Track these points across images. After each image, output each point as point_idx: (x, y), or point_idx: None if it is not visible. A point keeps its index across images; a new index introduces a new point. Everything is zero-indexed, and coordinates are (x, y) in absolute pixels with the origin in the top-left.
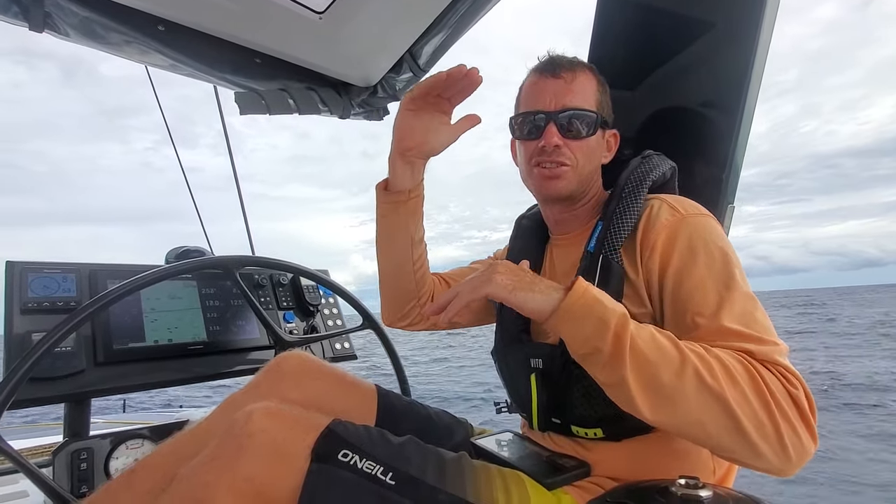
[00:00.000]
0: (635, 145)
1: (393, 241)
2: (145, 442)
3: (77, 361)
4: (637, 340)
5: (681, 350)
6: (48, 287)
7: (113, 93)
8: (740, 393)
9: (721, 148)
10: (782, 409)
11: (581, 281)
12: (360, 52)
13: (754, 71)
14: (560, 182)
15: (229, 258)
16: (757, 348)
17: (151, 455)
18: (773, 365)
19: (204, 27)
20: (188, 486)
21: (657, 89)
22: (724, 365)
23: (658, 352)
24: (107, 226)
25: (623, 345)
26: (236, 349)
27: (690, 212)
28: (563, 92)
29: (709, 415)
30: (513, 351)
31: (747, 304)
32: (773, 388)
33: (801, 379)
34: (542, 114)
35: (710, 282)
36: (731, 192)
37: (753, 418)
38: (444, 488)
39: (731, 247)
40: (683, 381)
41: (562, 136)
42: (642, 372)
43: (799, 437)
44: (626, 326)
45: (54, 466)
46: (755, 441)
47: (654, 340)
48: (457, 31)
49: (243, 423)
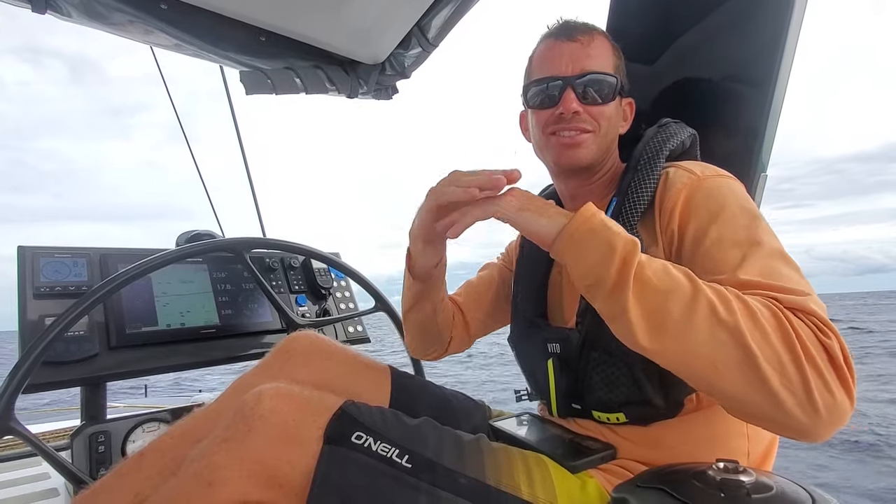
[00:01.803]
0: (657, 120)
1: (420, 308)
2: (161, 425)
3: (90, 345)
4: (645, 269)
5: (695, 283)
6: (59, 272)
7: (119, 91)
8: (761, 331)
9: (751, 117)
10: (811, 355)
11: (589, 205)
12: (367, 28)
13: (789, 35)
14: (581, 150)
15: (239, 240)
16: (785, 297)
17: (161, 437)
18: (803, 313)
19: (207, 4)
20: (198, 468)
21: (680, 60)
22: (745, 302)
23: (668, 281)
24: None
25: (628, 271)
26: (249, 333)
27: (708, 173)
28: (580, 56)
29: (721, 351)
30: (529, 336)
31: (773, 259)
32: (802, 334)
33: (836, 331)
34: (559, 79)
35: (730, 239)
36: (764, 161)
37: (775, 361)
38: (462, 471)
39: (755, 206)
40: (694, 313)
41: (581, 102)
42: (647, 301)
43: (830, 389)
44: (635, 253)
45: (73, 449)
46: (776, 388)
47: (665, 270)
48: (466, 2)
49: (253, 404)
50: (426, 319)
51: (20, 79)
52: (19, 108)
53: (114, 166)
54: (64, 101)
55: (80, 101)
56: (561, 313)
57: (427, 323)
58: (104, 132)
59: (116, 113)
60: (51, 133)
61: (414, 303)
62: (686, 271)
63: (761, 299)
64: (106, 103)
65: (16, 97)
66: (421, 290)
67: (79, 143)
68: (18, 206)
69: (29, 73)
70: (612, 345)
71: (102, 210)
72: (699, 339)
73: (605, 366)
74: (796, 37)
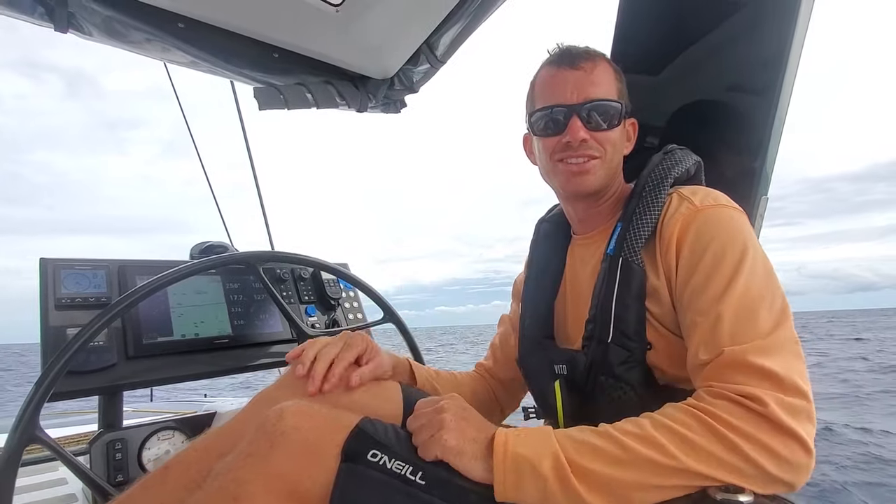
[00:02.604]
0: (662, 133)
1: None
2: (175, 433)
3: (109, 355)
4: (578, 462)
5: (625, 447)
6: (80, 283)
7: (115, 106)
8: (697, 452)
9: (754, 136)
10: (747, 437)
11: (497, 436)
12: (377, 45)
13: (792, 51)
14: (589, 177)
15: (253, 254)
16: (722, 378)
17: (185, 451)
18: (734, 391)
19: (222, 23)
20: (223, 482)
21: (685, 72)
22: (673, 433)
23: (604, 458)
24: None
25: (566, 476)
26: (260, 343)
27: (706, 203)
28: (584, 83)
29: (686, 485)
30: (536, 357)
31: (741, 313)
32: (733, 422)
33: (774, 394)
34: (564, 107)
35: (713, 279)
36: (765, 183)
37: (727, 468)
38: (474, 488)
39: (750, 239)
40: (643, 474)
41: (587, 129)
42: (597, 486)
43: (777, 455)
44: (558, 456)
45: (91, 456)
46: (736, 481)
47: (593, 451)
48: (474, 22)
49: (275, 420)
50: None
51: (17, 92)
52: (16, 120)
53: (110, 180)
54: (60, 114)
55: (76, 114)
56: (566, 335)
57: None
58: (100, 146)
59: (112, 126)
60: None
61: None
62: (609, 436)
63: (685, 407)
64: (102, 117)
65: (13, 110)
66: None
67: (74, 156)
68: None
69: (26, 87)
70: (616, 369)
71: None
72: (656, 482)
73: (612, 389)
74: (799, 51)
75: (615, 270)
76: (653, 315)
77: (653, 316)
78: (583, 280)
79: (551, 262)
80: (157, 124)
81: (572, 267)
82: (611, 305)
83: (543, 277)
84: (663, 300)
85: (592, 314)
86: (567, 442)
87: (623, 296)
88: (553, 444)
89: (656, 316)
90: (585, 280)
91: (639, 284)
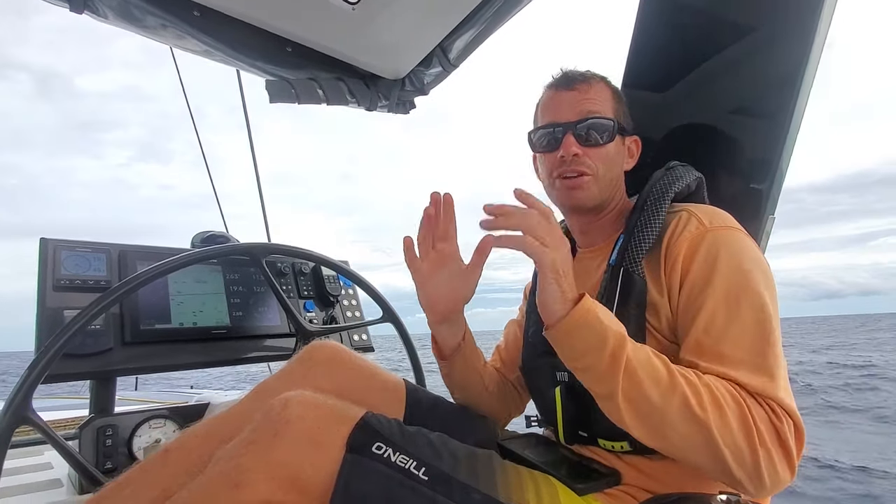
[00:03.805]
0: (672, 151)
1: (466, 385)
2: (167, 422)
3: (106, 340)
4: (632, 362)
5: (673, 376)
6: (80, 265)
7: (88, 107)
8: (725, 423)
9: (764, 156)
10: (763, 439)
11: (586, 299)
12: (391, 45)
13: (806, 73)
14: (582, 192)
15: (257, 245)
16: (751, 380)
17: (186, 436)
18: (763, 398)
19: (238, 13)
20: (225, 468)
21: (699, 92)
22: (713, 394)
23: (651, 372)
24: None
25: (618, 364)
26: (257, 335)
27: (716, 224)
28: (578, 102)
29: (691, 440)
30: (539, 364)
31: (753, 330)
32: (758, 419)
33: (792, 413)
34: (560, 125)
35: (721, 302)
36: (773, 203)
37: (734, 446)
38: (475, 486)
39: (760, 262)
40: (670, 407)
41: (580, 146)
42: (632, 391)
43: (776, 467)
44: (624, 346)
45: (80, 440)
46: (730, 465)
47: (648, 362)
48: (490, 28)
49: (280, 409)
50: (475, 390)
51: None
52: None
53: (82, 182)
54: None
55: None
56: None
57: (476, 392)
58: (71, 148)
59: (85, 128)
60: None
61: (457, 380)
62: (665, 362)
63: (728, 385)
64: (74, 118)
65: None
66: (456, 364)
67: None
68: None
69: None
70: None
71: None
72: (673, 427)
73: None
74: (814, 73)
75: (616, 280)
76: (651, 325)
77: (651, 326)
78: (585, 290)
79: None
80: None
81: (576, 278)
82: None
83: None
84: (662, 316)
85: None
86: (631, 343)
87: (623, 305)
88: (624, 334)
89: (655, 326)
90: (588, 292)
91: (639, 294)
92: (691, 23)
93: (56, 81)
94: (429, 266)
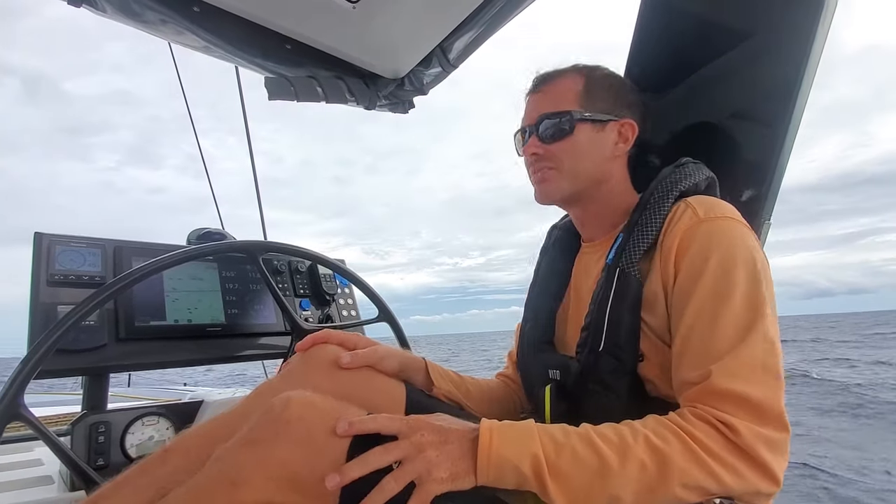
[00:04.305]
0: (670, 154)
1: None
2: (160, 419)
3: (100, 336)
4: (559, 465)
5: (603, 458)
6: (74, 260)
7: (76, 110)
8: (676, 472)
9: (761, 161)
10: (720, 460)
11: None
12: (391, 44)
13: (804, 80)
14: (549, 185)
15: (254, 243)
16: (707, 401)
17: (187, 436)
18: (716, 417)
19: (238, 10)
20: (224, 467)
21: (698, 97)
22: (655, 449)
23: (582, 467)
24: None
25: (545, 482)
26: (253, 333)
27: (711, 215)
28: (540, 103)
29: (656, 500)
30: (533, 361)
31: (735, 329)
32: (711, 447)
33: (749, 425)
34: (526, 129)
35: (708, 297)
36: (769, 208)
37: (693, 483)
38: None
39: (754, 255)
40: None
41: (543, 144)
42: (575, 493)
43: (744, 478)
44: (541, 465)
45: (73, 437)
46: (711, 491)
47: (573, 456)
48: (490, 28)
49: (281, 409)
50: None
51: None
52: None
53: (70, 187)
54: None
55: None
56: (566, 342)
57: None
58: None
59: (73, 132)
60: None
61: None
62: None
63: (667, 423)
64: (63, 122)
65: None
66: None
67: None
68: None
69: None
70: (605, 377)
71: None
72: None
73: (599, 396)
74: (811, 80)
75: (611, 280)
76: (648, 325)
77: (648, 326)
78: (586, 288)
79: (558, 268)
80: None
81: (577, 275)
82: (605, 314)
83: (548, 283)
84: (659, 310)
85: (587, 322)
86: (549, 443)
87: (617, 306)
88: (535, 444)
89: (651, 326)
90: (588, 288)
91: (634, 295)
92: (690, 28)
93: (44, 84)
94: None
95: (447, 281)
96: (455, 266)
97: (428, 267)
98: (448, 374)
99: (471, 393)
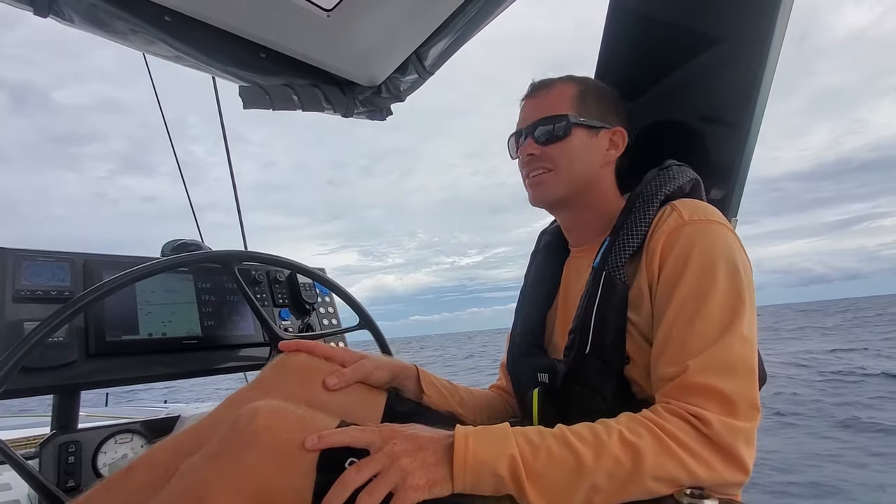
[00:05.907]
0: (639, 158)
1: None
2: (135, 437)
3: (69, 352)
4: (535, 467)
5: (579, 456)
6: (41, 275)
7: (65, 120)
8: (649, 465)
9: (727, 161)
10: (691, 453)
11: (457, 450)
12: (367, 52)
13: (763, 84)
14: (543, 187)
15: (229, 253)
16: (680, 396)
17: (153, 450)
18: (687, 411)
19: (210, 19)
20: (187, 484)
21: (661, 100)
22: (628, 444)
23: (558, 467)
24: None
25: (522, 483)
26: (230, 345)
27: (695, 217)
28: (537, 106)
29: (632, 493)
30: (522, 364)
31: (713, 327)
32: (683, 439)
33: (721, 417)
34: (521, 131)
35: (689, 296)
36: (736, 206)
37: (670, 481)
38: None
39: (735, 256)
40: (592, 482)
41: (538, 146)
42: (552, 493)
43: (715, 470)
44: (517, 466)
45: (41, 458)
46: (683, 482)
47: (549, 457)
48: (465, 35)
49: (247, 420)
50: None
51: None
52: None
53: (60, 198)
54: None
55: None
56: (555, 345)
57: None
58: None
59: (63, 142)
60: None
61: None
62: (566, 442)
63: (639, 419)
64: (52, 132)
65: None
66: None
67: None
68: None
69: None
70: (591, 379)
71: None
72: (605, 490)
73: (586, 398)
74: (770, 83)
75: (598, 283)
76: (634, 326)
77: (634, 327)
78: (574, 292)
79: (548, 272)
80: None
81: (567, 279)
82: (591, 317)
83: (538, 287)
84: (644, 309)
85: (574, 325)
86: (525, 444)
87: (603, 309)
88: (511, 446)
89: (637, 326)
90: (577, 292)
91: (620, 299)
92: (656, 36)
93: (31, 96)
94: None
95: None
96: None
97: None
98: (440, 382)
99: (465, 401)
